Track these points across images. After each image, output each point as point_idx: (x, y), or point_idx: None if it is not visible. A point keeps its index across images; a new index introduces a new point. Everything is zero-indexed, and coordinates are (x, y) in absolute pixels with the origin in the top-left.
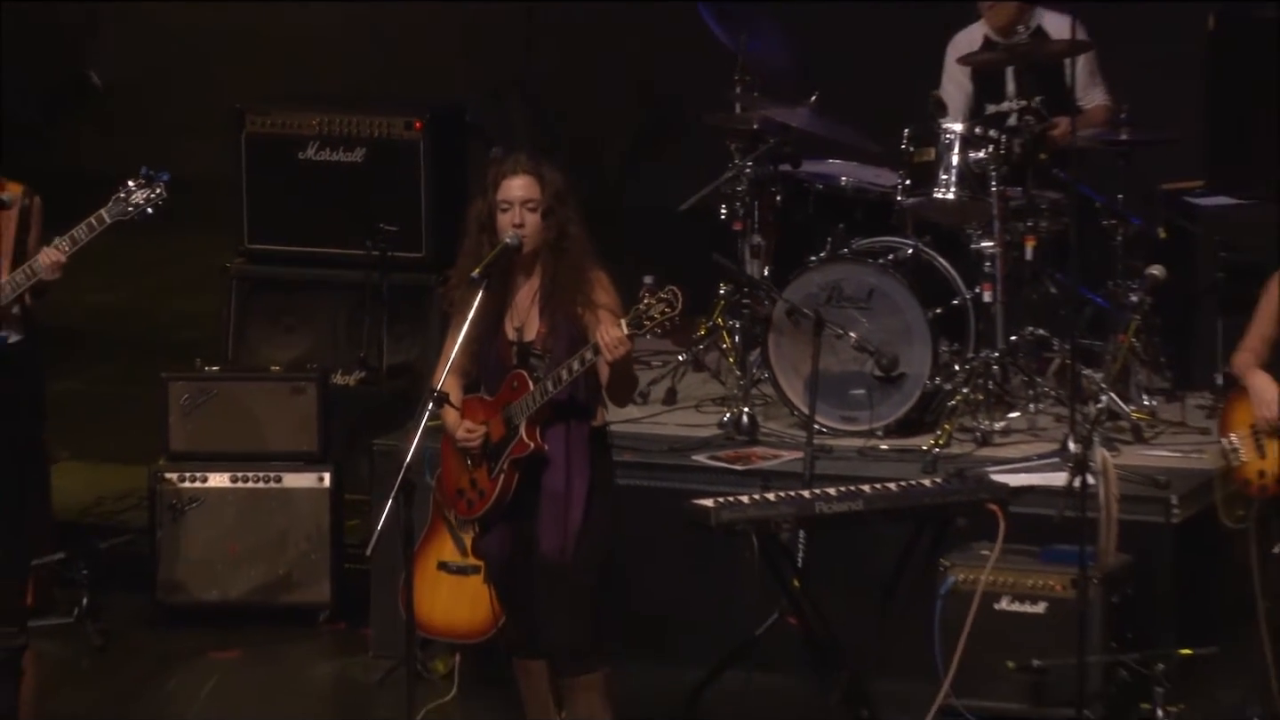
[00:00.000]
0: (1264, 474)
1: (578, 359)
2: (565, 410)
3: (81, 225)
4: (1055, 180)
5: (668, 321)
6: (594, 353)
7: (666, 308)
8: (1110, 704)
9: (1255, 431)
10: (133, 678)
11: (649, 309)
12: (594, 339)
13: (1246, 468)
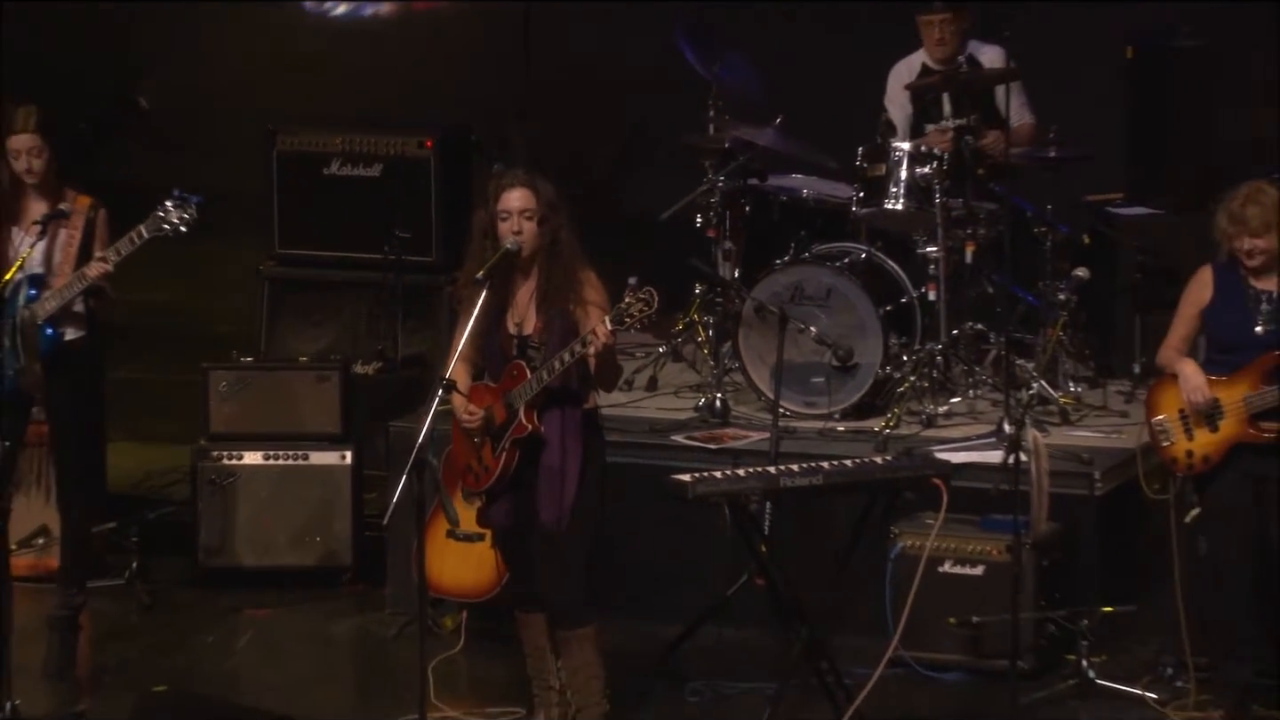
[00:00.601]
0: (1191, 454)
1: (568, 351)
2: (560, 396)
3: (124, 239)
4: (991, 193)
5: (645, 319)
6: (582, 345)
7: (644, 306)
8: (1040, 655)
9: (1184, 416)
10: (176, 632)
11: (629, 307)
12: (584, 333)
13: (1175, 448)
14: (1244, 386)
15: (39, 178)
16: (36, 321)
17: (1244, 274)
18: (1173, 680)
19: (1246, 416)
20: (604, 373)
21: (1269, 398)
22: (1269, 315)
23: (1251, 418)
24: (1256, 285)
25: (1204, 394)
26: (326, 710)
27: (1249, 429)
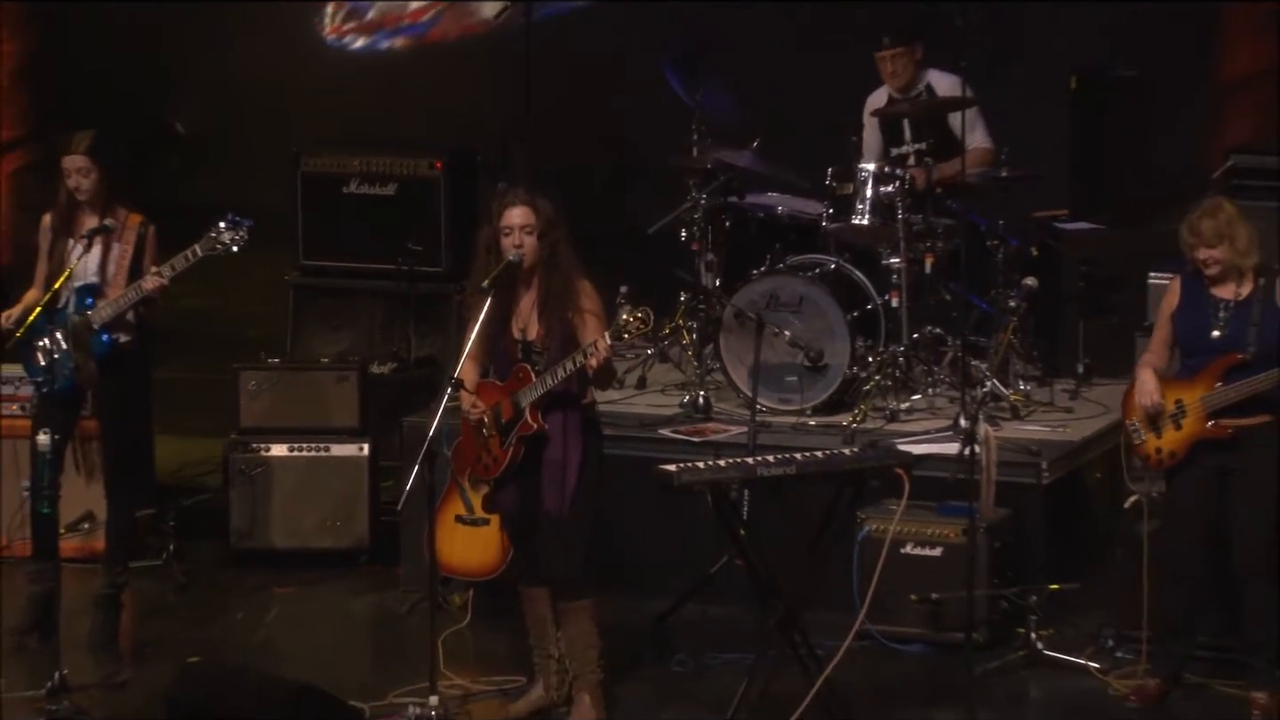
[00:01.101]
0: (1160, 450)
1: (570, 360)
2: (562, 397)
3: (179, 256)
4: (948, 209)
5: (641, 335)
6: (584, 356)
7: (641, 324)
8: (993, 629)
9: (1146, 416)
10: (210, 608)
11: (626, 324)
12: (582, 340)
13: (1146, 445)
14: (1202, 387)
15: (88, 195)
16: (92, 326)
17: (1206, 283)
18: (1113, 651)
19: (1205, 415)
20: (600, 378)
21: (1224, 397)
22: (1225, 321)
23: (1210, 416)
24: (1216, 293)
25: (1152, 399)
26: (346, 679)
27: (1208, 426)
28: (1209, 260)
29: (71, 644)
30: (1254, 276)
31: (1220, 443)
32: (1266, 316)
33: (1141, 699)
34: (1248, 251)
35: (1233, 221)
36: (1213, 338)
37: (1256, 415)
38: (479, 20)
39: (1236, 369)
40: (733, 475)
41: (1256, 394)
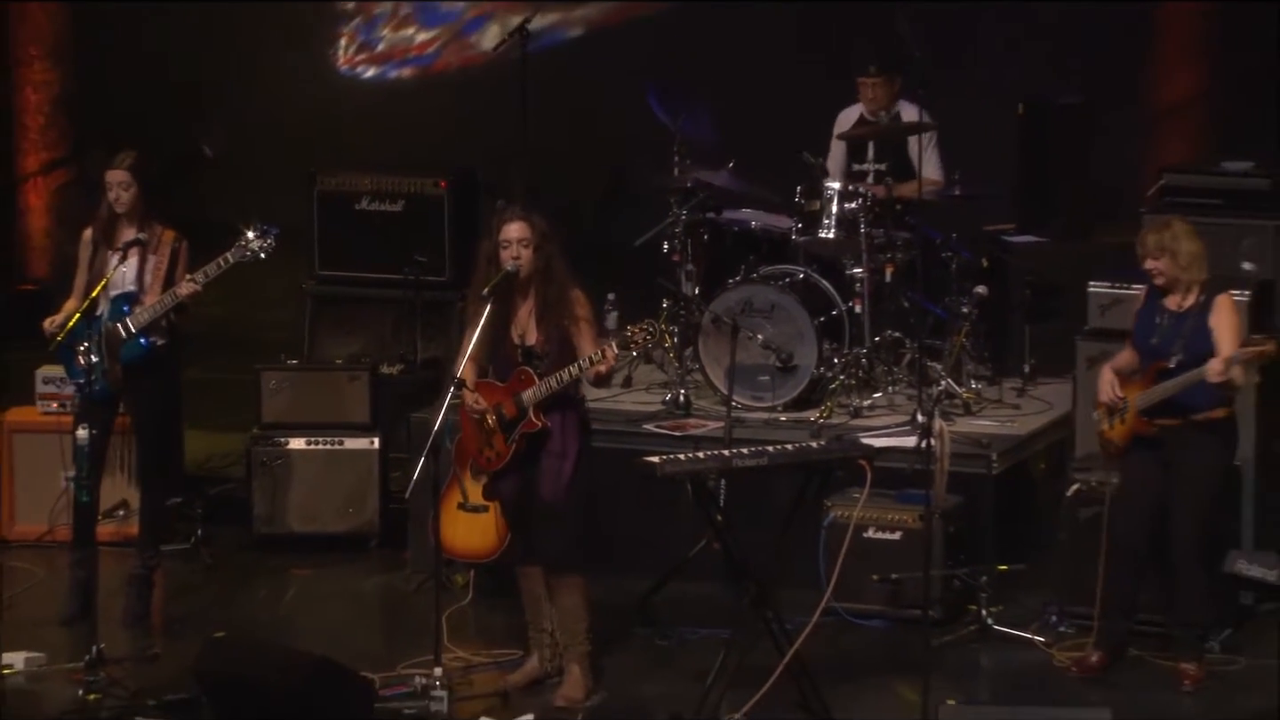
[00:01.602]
0: (1110, 441)
1: (576, 365)
2: (561, 398)
3: (211, 264)
4: (907, 224)
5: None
6: (590, 363)
7: (647, 336)
8: (947, 606)
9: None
10: (234, 588)
11: (634, 335)
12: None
13: (1105, 434)
14: (1138, 388)
15: (127, 208)
16: (132, 329)
17: (1160, 293)
18: (1056, 626)
19: (1137, 413)
20: (601, 381)
21: (1149, 398)
22: (1163, 329)
23: (1143, 413)
24: (1165, 303)
25: (1106, 394)
26: (358, 652)
27: (1140, 423)
28: (1153, 270)
29: (107, 620)
30: (1199, 292)
31: (1153, 438)
32: (1198, 329)
33: (1082, 670)
34: (1188, 267)
35: (1177, 237)
36: (1152, 343)
37: (1185, 417)
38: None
39: (1164, 374)
40: (711, 466)
41: (1171, 397)
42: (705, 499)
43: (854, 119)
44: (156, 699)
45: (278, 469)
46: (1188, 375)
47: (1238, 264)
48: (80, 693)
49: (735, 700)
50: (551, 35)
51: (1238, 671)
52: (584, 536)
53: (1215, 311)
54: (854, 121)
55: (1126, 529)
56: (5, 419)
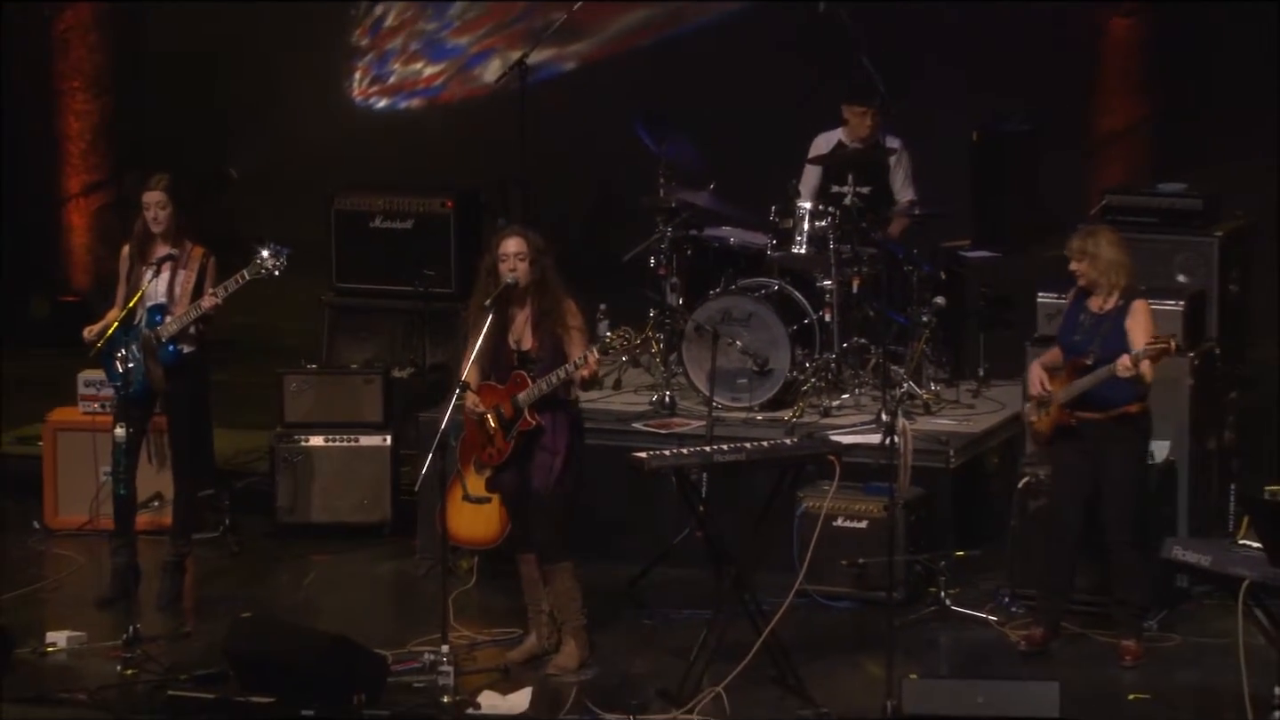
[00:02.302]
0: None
1: (563, 369)
2: (554, 399)
3: (230, 280)
4: (872, 240)
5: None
6: (575, 367)
7: (624, 341)
8: (910, 588)
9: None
10: (259, 572)
11: (612, 341)
12: (569, 351)
13: (1034, 424)
14: (1061, 383)
15: (163, 226)
16: (162, 338)
17: (1085, 295)
18: (1008, 606)
19: (1059, 406)
20: (588, 384)
21: (1068, 392)
22: (1084, 328)
23: (1065, 406)
24: (1089, 304)
25: (1035, 388)
26: (371, 631)
27: (1063, 415)
28: (1075, 272)
29: (143, 602)
30: (1119, 296)
31: (1076, 429)
32: (1114, 330)
33: (1030, 644)
34: (1106, 271)
35: (1099, 244)
36: (1073, 341)
37: (1104, 411)
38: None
39: (1082, 370)
40: (693, 461)
41: (1091, 391)
42: (689, 491)
43: (833, 142)
44: (188, 674)
45: (298, 464)
46: (1099, 371)
47: (1173, 276)
48: (119, 668)
49: (716, 675)
50: (548, 69)
51: (1174, 648)
52: (568, 526)
53: (1131, 314)
54: (833, 144)
55: (1060, 515)
56: (50, 418)
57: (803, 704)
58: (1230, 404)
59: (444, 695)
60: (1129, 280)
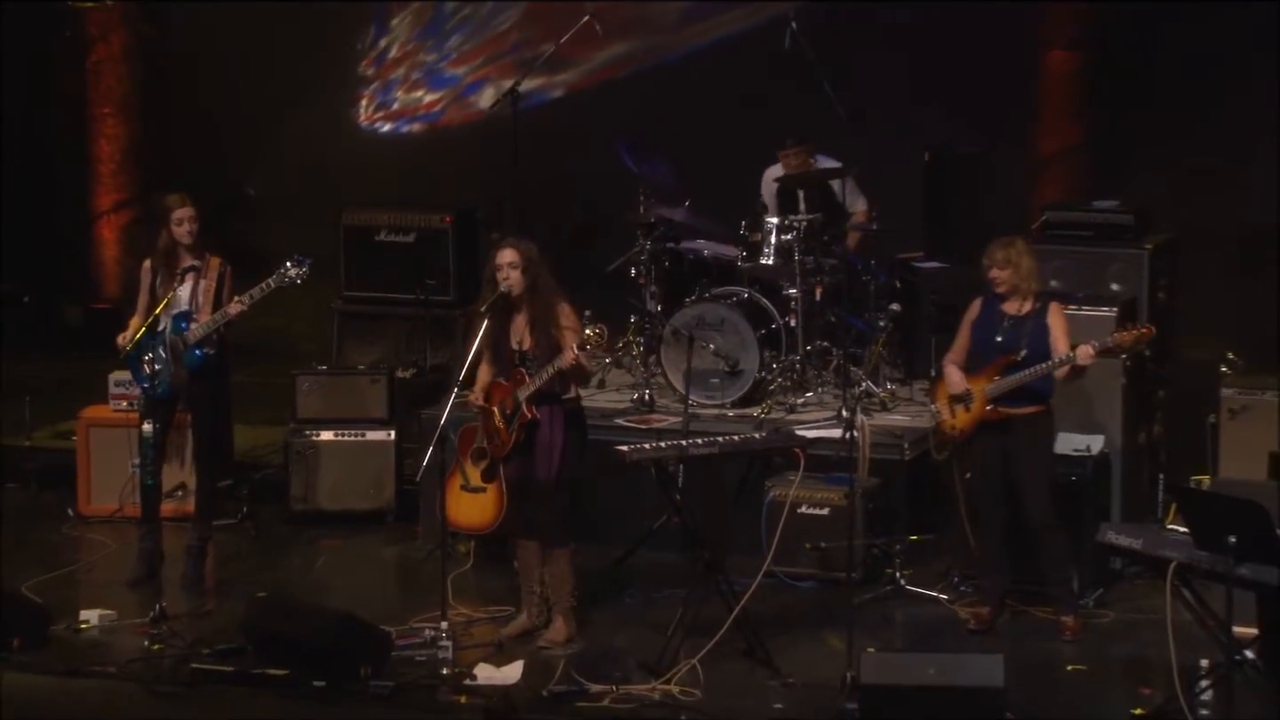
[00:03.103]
0: (955, 428)
1: (551, 366)
2: (550, 395)
3: (256, 288)
4: (833, 252)
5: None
6: (559, 363)
7: (599, 338)
8: (868, 570)
9: (950, 401)
10: (274, 556)
11: (590, 338)
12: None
13: (946, 424)
14: (985, 381)
15: (191, 240)
16: (189, 342)
17: (998, 301)
18: (958, 586)
19: (985, 401)
20: (575, 378)
21: (1000, 387)
22: (1005, 330)
23: (990, 402)
24: (1004, 309)
25: (961, 385)
26: (376, 609)
27: (987, 410)
28: (998, 279)
29: (168, 583)
30: (1034, 299)
31: (997, 423)
32: (1037, 329)
33: (978, 621)
34: (1026, 277)
35: (1020, 253)
36: (996, 342)
37: (1025, 406)
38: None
39: (1010, 367)
40: (671, 454)
41: (1022, 385)
42: (666, 481)
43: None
44: (210, 648)
45: (310, 457)
46: (1040, 366)
47: (1106, 285)
48: (146, 643)
49: (692, 648)
50: (538, 96)
51: (1109, 624)
52: (569, 514)
53: (1052, 315)
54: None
55: (988, 502)
56: (83, 415)
57: (770, 675)
58: (1159, 401)
59: (443, 668)
60: (1040, 285)
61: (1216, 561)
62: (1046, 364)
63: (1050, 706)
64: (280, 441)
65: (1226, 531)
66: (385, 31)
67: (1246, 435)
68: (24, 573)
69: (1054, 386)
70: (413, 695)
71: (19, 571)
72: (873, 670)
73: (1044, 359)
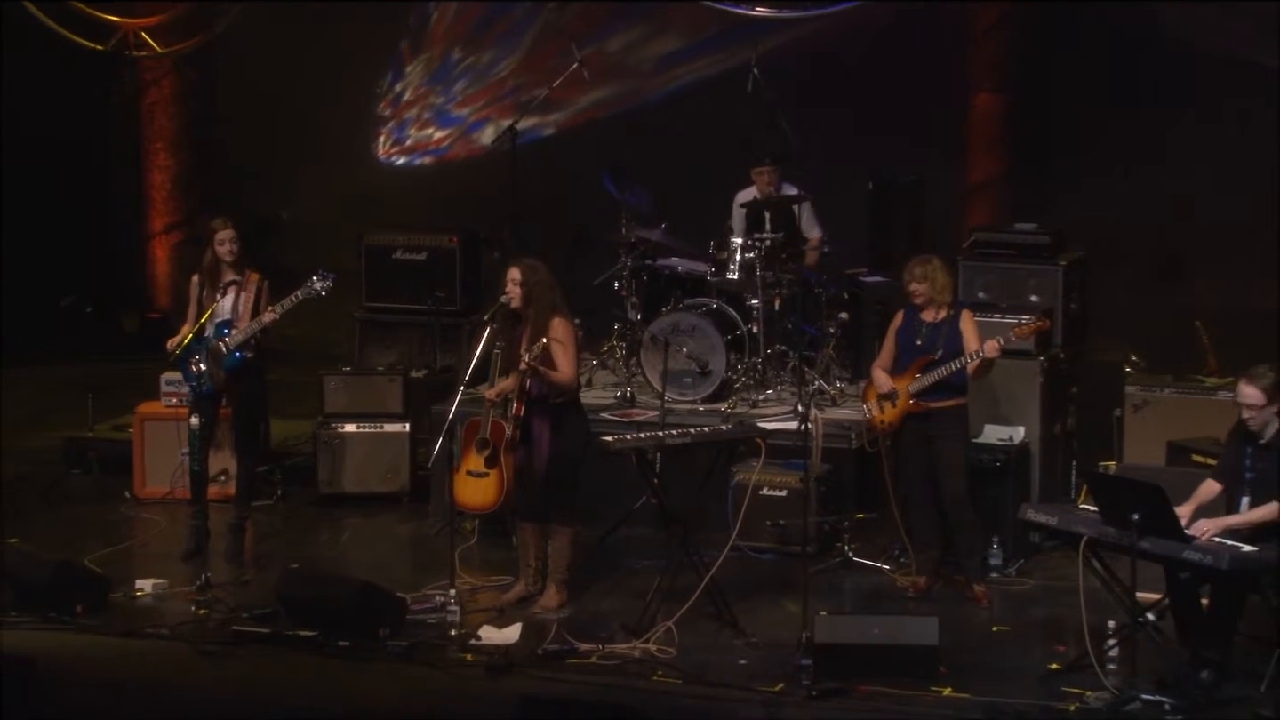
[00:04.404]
0: (884, 422)
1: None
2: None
3: (286, 299)
4: (790, 269)
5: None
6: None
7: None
8: (820, 544)
9: (878, 399)
10: (304, 532)
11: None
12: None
13: (875, 419)
14: (908, 379)
15: (234, 257)
16: (230, 346)
17: (918, 311)
18: (898, 558)
19: (909, 396)
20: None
21: (921, 383)
22: (924, 335)
23: (913, 397)
24: (923, 317)
25: (887, 385)
26: (393, 578)
27: (910, 404)
28: (916, 292)
29: (213, 556)
30: (948, 309)
31: (919, 416)
32: (952, 333)
33: (915, 589)
34: (942, 290)
35: (935, 269)
36: (916, 345)
37: (944, 399)
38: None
39: (928, 366)
40: (650, 444)
41: (941, 380)
42: (645, 467)
43: (750, 196)
44: (249, 612)
45: (335, 446)
46: (952, 362)
47: (1026, 297)
48: (193, 609)
49: (668, 612)
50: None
51: (1028, 590)
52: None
53: (964, 321)
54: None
55: (916, 485)
56: (138, 410)
57: (736, 635)
58: (1071, 397)
59: (451, 629)
60: (954, 296)
61: (1122, 536)
62: (959, 360)
63: (978, 662)
64: (310, 433)
65: (1130, 510)
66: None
67: (1147, 426)
68: (87, 547)
69: (968, 381)
70: (425, 653)
71: (82, 546)
72: (825, 631)
73: (957, 358)
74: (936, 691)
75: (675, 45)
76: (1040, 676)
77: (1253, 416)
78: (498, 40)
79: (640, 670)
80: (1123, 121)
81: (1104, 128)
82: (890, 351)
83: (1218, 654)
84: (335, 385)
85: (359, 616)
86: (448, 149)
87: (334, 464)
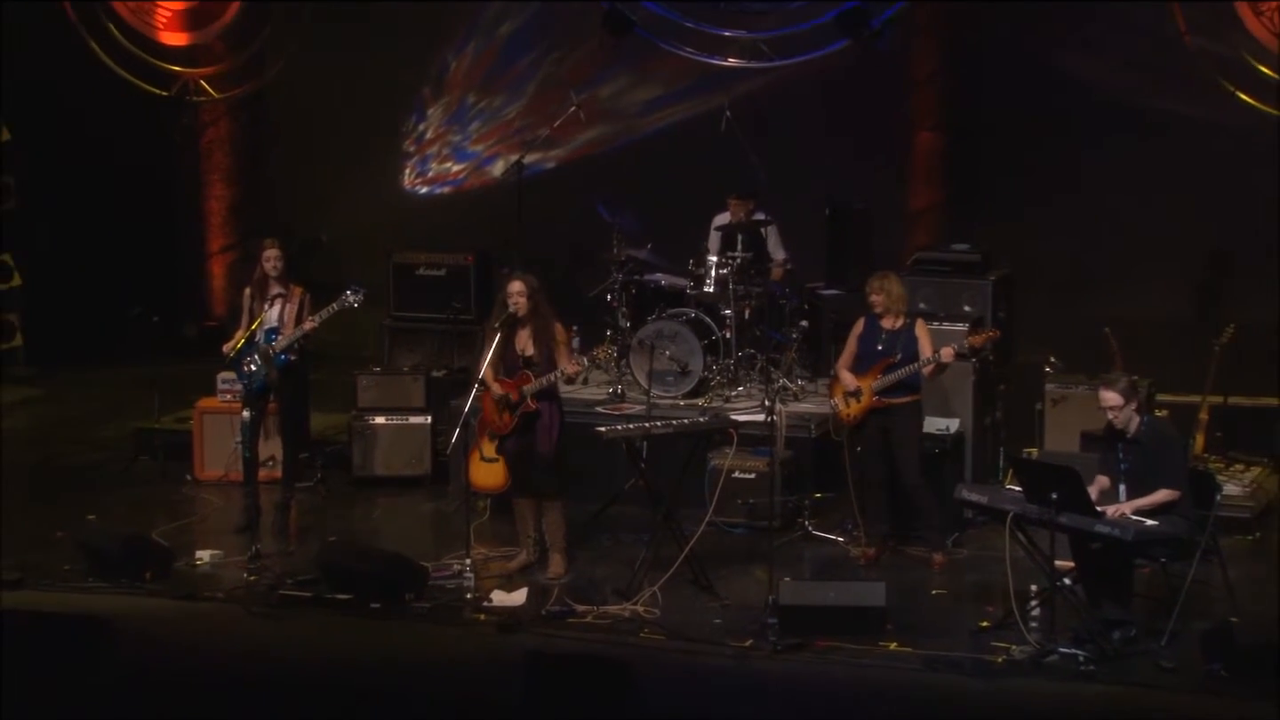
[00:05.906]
0: (850, 416)
1: (557, 372)
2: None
3: (324, 309)
4: (758, 283)
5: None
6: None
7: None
8: (784, 520)
9: (844, 396)
10: (341, 510)
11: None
12: (557, 358)
13: (842, 413)
14: (870, 379)
15: (279, 272)
16: (276, 350)
17: (877, 319)
18: (852, 532)
19: (872, 394)
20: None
21: (883, 382)
22: (884, 340)
23: (875, 394)
24: (882, 325)
25: (853, 383)
26: (417, 548)
27: (874, 401)
28: (875, 302)
29: (263, 530)
30: (904, 318)
31: (881, 411)
32: (907, 340)
33: (866, 559)
34: (897, 301)
35: (892, 283)
36: (877, 349)
37: (902, 396)
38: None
39: (889, 368)
40: (637, 433)
41: (900, 381)
42: (634, 453)
43: (725, 220)
44: (293, 579)
45: (367, 435)
46: (911, 365)
47: (961, 307)
48: (245, 575)
49: (653, 578)
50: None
51: (965, 559)
52: (564, 475)
53: (918, 329)
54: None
55: (873, 470)
56: (198, 405)
57: (712, 598)
58: (1000, 394)
59: (467, 594)
60: (907, 307)
61: (1042, 512)
62: (917, 363)
63: (919, 621)
64: (345, 424)
65: (1050, 490)
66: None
67: (1064, 418)
68: (154, 523)
69: (922, 381)
70: (444, 614)
71: (150, 522)
72: (788, 594)
73: (914, 361)
74: (884, 646)
75: (659, 91)
76: (972, 633)
77: (1116, 417)
78: (507, 87)
79: (629, 628)
80: (1043, 156)
81: (1027, 162)
82: (851, 353)
83: (1122, 612)
84: (367, 383)
85: (388, 582)
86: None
87: (366, 451)
